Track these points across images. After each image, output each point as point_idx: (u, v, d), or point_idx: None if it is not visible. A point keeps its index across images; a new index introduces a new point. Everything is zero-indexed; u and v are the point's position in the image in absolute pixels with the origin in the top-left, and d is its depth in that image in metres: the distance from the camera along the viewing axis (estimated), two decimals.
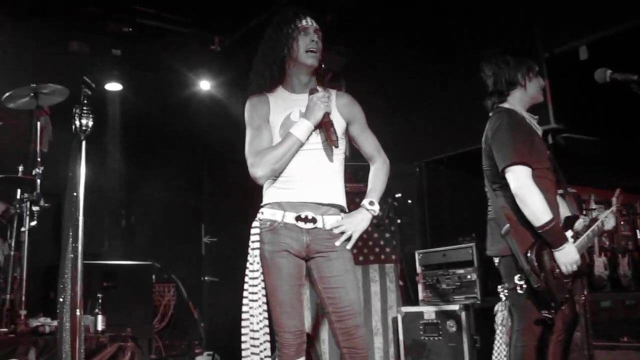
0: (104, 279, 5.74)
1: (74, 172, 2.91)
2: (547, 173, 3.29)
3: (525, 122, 3.33)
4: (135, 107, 6.73)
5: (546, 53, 5.00)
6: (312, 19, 2.91)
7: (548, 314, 3.14)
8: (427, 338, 5.01)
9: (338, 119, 2.89)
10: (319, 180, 2.83)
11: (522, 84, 3.36)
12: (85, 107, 2.94)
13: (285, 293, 2.80)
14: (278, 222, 2.80)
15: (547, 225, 3.07)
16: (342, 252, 2.83)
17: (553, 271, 3.12)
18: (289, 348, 2.81)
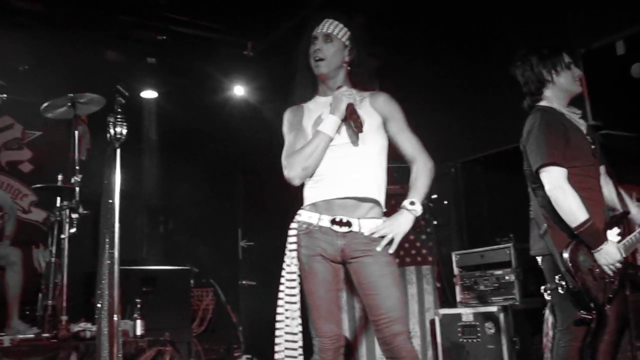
0: (143, 284, 5.80)
1: (109, 180, 2.95)
2: (588, 170, 3.23)
3: (564, 118, 3.28)
4: (170, 113, 6.83)
5: (582, 48, 4.91)
6: (327, 23, 2.90)
7: (587, 315, 3.09)
8: (465, 340, 4.95)
9: (373, 115, 2.86)
10: (350, 175, 2.78)
11: (549, 80, 3.33)
12: (119, 115, 2.98)
13: (322, 298, 2.77)
14: (314, 225, 2.78)
15: (583, 226, 3.03)
16: (378, 256, 2.73)
17: (592, 271, 3.06)
18: (326, 352, 2.78)
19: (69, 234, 4.60)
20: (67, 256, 4.59)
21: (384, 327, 2.67)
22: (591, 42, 4.92)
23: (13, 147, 6.33)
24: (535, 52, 3.39)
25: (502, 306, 4.80)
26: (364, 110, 2.84)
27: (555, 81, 3.33)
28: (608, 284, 3.09)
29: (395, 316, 2.67)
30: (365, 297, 2.73)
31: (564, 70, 3.34)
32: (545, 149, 3.14)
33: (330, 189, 2.79)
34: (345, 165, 2.79)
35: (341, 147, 2.81)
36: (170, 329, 5.21)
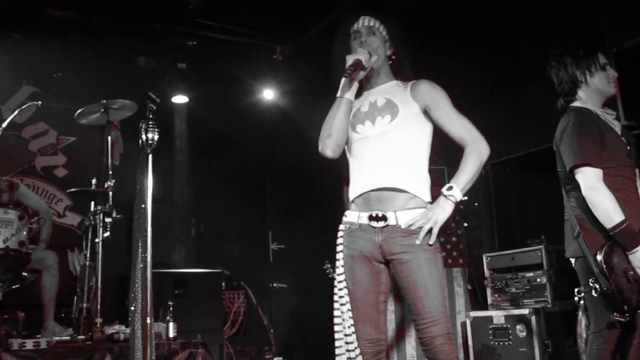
0: (175, 287, 5.88)
1: (141, 185, 3.00)
2: (623, 171, 3.19)
3: (598, 119, 3.25)
4: (200, 118, 6.91)
5: (614, 48, 4.85)
6: (366, 18, 2.91)
7: (621, 317, 3.05)
8: (496, 343, 4.92)
9: (410, 104, 2.80)
10: (383, 165, 2.71)
11: (583, 80, 3.31)
12: (150, 121, 3.02)
13: (359, 299, 2.73)
14: (355, 223, 2.74)
15: (619, 227, 3.00)
16: (418, 252, 2.60)
17: (627, 273, 3.02)
18: (365, 355, 2.73)
19: (103, 238, 4.67)
20: (101, 260, 4.65)
21: (423, 328, 2.59)
22: (623, 42, 4.86)
23: (48, 153, 6.46)
24: (570, 52, 3.37)
25: (533, 308, 4.76)
26: (400, 99, 2.80)
27: (589, 82, 3.32)
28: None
29: (435, 317, 2.57)
30: (406, 296, 2.65)
31: (598, 72, 3.32)
32: (579, 149, 3.12)
33: (366, 181, 2.74)
34: (379, 156, 2.73)
35: (374, 138, 2.76)
36: (202, 331, 5.28)
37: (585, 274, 3.17)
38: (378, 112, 2.79)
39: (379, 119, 2.77)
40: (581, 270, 3.24)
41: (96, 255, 4.77)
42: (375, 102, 2.83)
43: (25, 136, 6.33)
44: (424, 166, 2.79)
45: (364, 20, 2.90)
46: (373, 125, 2.77)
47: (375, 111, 2.80)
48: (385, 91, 2.87)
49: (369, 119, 2.80)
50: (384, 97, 2.83)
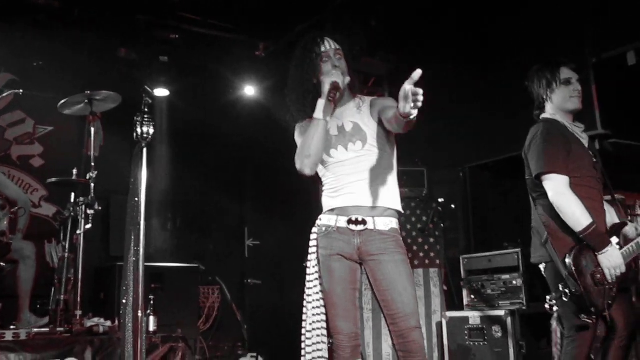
0: (152, 281, 5.85)
1: (135, 178, 3.00)
2: (589, 181, 3.33)
3: (566, 130, 3.39)
4: (181, 112, 6.86)
5: (594, 58, 4.98)
6: (331, 41, 2.99)
7: (588, 319, 3.18)
8: (472, 343, 5.02)
9: (370, 122, 2.94)
10: (364, 186, 2.88)
11: (547, 97, 3.48)
12: (146, 115, 3.03)
13: (339, 296, 2.87)
14: (332, 226, 2.90)
15: (589, 229, 3.13)
16: (393, 254, 2.84)
17: (594, 276, 3.16)
18: (344, 350, 2.89)
19: (85, 230, 4.64)
20: (81, 252, 4.62)
21: (400, 321, 2.77)
22: (602, 52, 4.98)
23: (24, 142, 6.35)
24: (538, 69, 3.54)
25: (509, 310, 4.87)
26: (365, 122, 2.94)
27: (551, 98, 3.47)
28: (608, 290, 3.17)
29: (411, 311, 2.79)
30: (382, 293, 2.82)
31: (558, 88, 3.45)
32: (546, 157, 3.26)
33: (345, 198, 2.90)
34: (356, 179, 2.89)
35: (349, 162, 2.91)
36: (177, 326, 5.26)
37: (555, 280, 3.29)
38: (348, 138, 2.93)
39: (351, 145, 2.92)
40: (550, 277, 3.35)
41: (76, 247, 4.73)
42: (343, 126, 2.97)
43: (2, 124, 6.22)
44: (396, 179, 2.98)
45: (331, 43, 2.99)
46: (346, 150, 2.92)
47: (345, 137, 2.94)
48: (350, 113, 2.99)
49: (341, 144, 2.93)
50: (350, 120, 2.97)
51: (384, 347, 5.29)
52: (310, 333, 2.90)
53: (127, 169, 3.34)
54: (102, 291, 5.86)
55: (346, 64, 2.98)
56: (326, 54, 2.96)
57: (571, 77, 3.47)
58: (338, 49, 2.98)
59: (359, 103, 3.02)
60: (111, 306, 5.13)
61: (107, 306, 5.38)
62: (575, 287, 3.13)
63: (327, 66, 2.94)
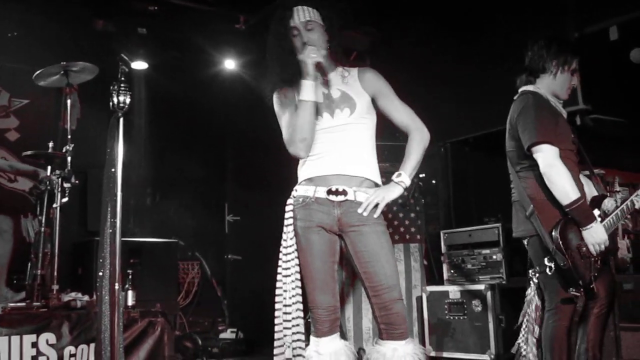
0: (130, 256, 5.79)
1: (111, 149, 2.93)
2: (570, 154, 3.34)
3: (550, 104, 3.38)
4: (160, 85, 6.76)
5: (576, 33, 4.96)
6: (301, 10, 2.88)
7: (576, 292, 3.19)
8: (452, 317, 5.04)
9: (363, 95, 2.92)
10: (347, 155, 2.85)
11: (553, 72, 3.40)
12: (122, 84, 2.95)
13: (318, 269, 2.84)
14: (310, 197, 2.85)
15: (576, 204, 3.13)
16: (374, 225, 2.81)
17: (580, 249, 3.17)
18: (323, 324, 2.87)
19: (61, 204, 4.56)
20: (58, 226, 4.54)
21: (383, 293, 2.75)
22: (585, 27, 4.96)
23: (0, 115, 6.23)
24: (559, 42, 3.45)
25: (489, 284, 4.89)
26: (354, 91, 2.91)
27: (556, 75, 3.40)
28: (593, 262, 3.19)
29: (392, 283, 2.78)
30: (364, 265, 2.80)
31: (565, 72, 3.41)
32: (538, 127, 3.22)
33: (325, 167, 2.86)
34: (340, 146, 2.86)
35: (335, 130, 2.87)
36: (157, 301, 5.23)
37: (539, 254, 3.29)
38: (335, 105, 2.90)
39: (338, 111, 2.88)
40: (534, 250, 3.35)
41: (52, 222, 4.65)
42: (330, 94, 2.93)
43: None
44: (375, 153, 2.96)
45: (300, 15, 2.87)
46: (332, 117, 2.88)
47: (332, 103, 2.90)
48: (336, 82, 2.96)
49: (327, 111, 2.89)
50: (337, 88, 2.93)
51: (364, 322, 5.29)
52: (289, 307, 2.84)
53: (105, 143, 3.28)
54: (80, 266, 5.81)
55: (320, 34, 2.90)
56: (295, 28, 2.88)
57: (576, 69, 3.46)
58: (309, 20, 2.87)
59: (343, 72, 2.98)
60: (89, 281, 5.08)
61: (85, 281, 5.33)
62: (563, 261, 3.14)
63: (298, 42, 2.87)
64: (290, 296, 2.84)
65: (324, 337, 2.86)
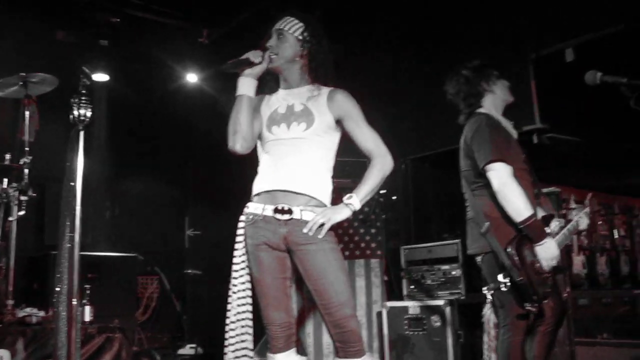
0: (88, 270, 5.70)
1: (71, 162, 2.91)
2: (524, 173, 3.44)
3: (501, 125, 3.50)
4: (121, 98, 6.69)
5: (533, 54, 5.08)
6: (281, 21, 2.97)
7: (531, 307, 3.26)
8: (411, 332, 5.07)
9: (325, 114, 2.92)
10: (296, 171, 2.84)
11: (488, 89, 3.56)
12: (83, 97, 2.94)
13: (268, 286, 2.84)
14: (258, 215, 2.84)
15: (529, 220, 3.22)
16: (321, 243, 2.79)
17: (533, 265, 3.25)
18: (278, 340, 2.86)
19: (18, 217, 4.48)
20: (14, 239, 4.46)
21: (335, 311, 2.73)
22: (541, 49, 5.09)
23: None
24: (468, 67, 3.64)
25: (448, 300, 4.94)
26: (317, 109, 2.92)
27: (493, 90, 3.57)
28: (545, 279, 3.28)
29: (345, 299, 2.76)
30: (314, 283, 2.78)
31: (498, 80, 3.58)
32: (492, 146, 3.31)
33: (275, 180, 2.86)
34: (290, 160, 2.86)
35: (288, 142, 2.88)
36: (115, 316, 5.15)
37: (494, 270, 3.34)
38: (294, 118, 2.90)
39: (295, 124, 2.89)
40: (488, 267, 3.42)
41: (8, 235, 4.57)
42: (293, 106, 2.94)
43: None
44: (330, 173, 2.95)
45: (279, 23, 2.97)
46: (288, 129, 2.89)
47: (292, 116, 2.91)
48: (303, 96, 2.97)
49: (285, 122, 2.91)
50: (302, 102, 2.94)
51: (325, 338, 5.29)
52: (234, 324, 2.86)
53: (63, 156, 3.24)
54: (36, 281, 5.68)
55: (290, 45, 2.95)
56: (270, 33, 2.97)
57: (499, 74, 3.62)
58: (281, 29, 2.95)
59: (314, 90, 2.97)
60: (45, 296, 4.99)
61: (41, 296, 5.22)
62: (518, 276, 3.20)
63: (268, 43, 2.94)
64: (236, 313, 2.86)
65: (279, 354, 2.86)
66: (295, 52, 2.96)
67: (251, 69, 2.84)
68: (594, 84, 3.03)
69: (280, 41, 2.94)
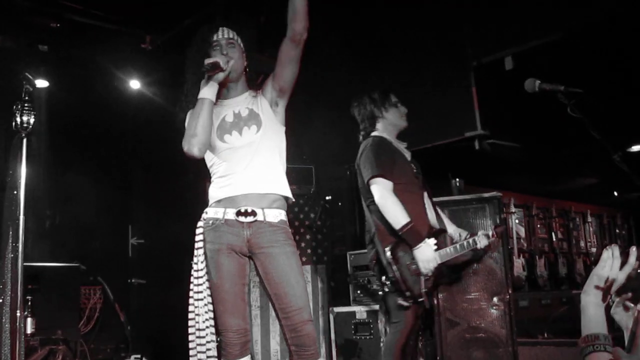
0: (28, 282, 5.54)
1: (14, 170, 2.84)
2: (412, 187, 3.88)
3: (392, 146, 3.94)
4: (62, 104, 6.51)
5: (474, 62, 5.21)
6: (225, 30, 3.02)
7: (404, 302, 3.69)
8: (358, 337, 5.12)
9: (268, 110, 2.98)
10: (255, 172, 2.88)
11: (380, 116, 4.05)
12: (27, 103, 2.88)
13: (227, 292, 2.84)
14: (220, 219, 2.86)
15: (406, 227, 3.64)
16: (284, 246, 2.85)
17: (410, 267, 3.66)
18: (233, 347, 2.86)
19: None
20: None
21: (293, 315, 2.78)
22: (482, 57, 5.22)
23: None
24: (369, 95, 4.12)
25: None
26: (260, 109, 2.98)
27: (385, 116, 4.04)
28: (421, 281, 3.68)
29: (303, 304, 2.82)
30: (274, 287, 2.82)
31: (391, 108, 4.06)
32: (374, 164, 3.77)
33: (234, 187, 2.88)
34: (248, 164, 2.89)
35: (243, 148, 2.91)
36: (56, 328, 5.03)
37: (380, 274, 3.83)
38: (244, 123, 2.94)
39: (246, 129, 2.93)
40: (377, 272, 3.87)
41: None
42: (239, 112, 2.98)
43: None
44: (284, 167, 3.04)
45: (224, 32, 3.01)
46: (240, 135, 2.93)
47: (241, 121, 2.95)
48: (245, 101, 3.02)
49: (236, 129, 2.94)
50: (246, 107, 2.99)
51: (272, 344, 5.29)
52: (203, 331, 2.83)
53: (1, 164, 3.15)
54: None
55: (240, 54, 3.02)
56: (217, 43, 2.98)
57: (398, 101, 4.09)
58: (230, 38, 3.00)
59: (254, 94, 3.04)
60: None
61: None
62: (392, 273, 3.65)
63: (216, 53, 2.95)
64: (204, 320, 2.84)
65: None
66: (243, 62, 3.05)
67: (218, 74, 2.87)
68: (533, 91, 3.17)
69: (233, 51, 2.99)
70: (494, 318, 4.54)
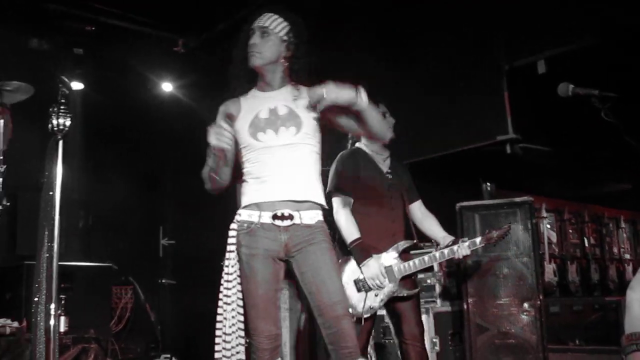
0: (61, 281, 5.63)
1: (50, 171, 2.90)
2: (379, 201, 3.79)
3: (367, 158, 3.86)
4: (96, 106, 6.63)
5: (506, 66, 5.17)
6: (265, 17, 2.88)
7: None
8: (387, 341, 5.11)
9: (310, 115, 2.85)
10: (293, 177, 2.79)
11: None
12: (62, 106, 2.93)
13: (260, 297, 2.78)
14: (255, 223, 2.78)
15: (354, 243, 3.64)
16: (320, 242, 2.77)
17: (357, 283, 3.66)
18: (264, 352, 2.80)
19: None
20: None
21: (326, 311, 2.70)
22: (514, 60, 5.18)
23: None
24: None
25: (423, 308, 4.96)
26: (302, 110, 2.84)
27: None
28: (371, 298, 3.66)
29: (338, 298, 2.72)
30: (308, 285, 2.76)
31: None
32: (335, 178, 3.77)
33: (269, 191, 2.80)
34: (285, 168, 2.79)
35: (279, 149, 2.80)
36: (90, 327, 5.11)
37: None
38: (281, 122, 2.82)
39: (283, 129, 2.81)
40: None
41: None
42: (276, 109, 2.85)
43: None
44: (319, 174, 2.94)
45: (261, 20, 2.89)
46: (276, 134, 2.81)
47: (278, 120, 2.83)
48: (283, 97, 2.90)
49: (271, 128, 2.82)
50: (284, 104, 2.87)
51: None
52: (229, 336, 2.79)
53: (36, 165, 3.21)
54: (8, 291, 5.61)
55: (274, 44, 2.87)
56: (252, 31, 2.89)
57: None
58: (265, 27, 2.86)
59: (294, 91, 2.91)
60: (18, 307, 4.93)
61: (14, 307, 5.16)
62: None
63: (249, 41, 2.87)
64: (231, 324, 2.80)
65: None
66: (279, 52, 2.89)
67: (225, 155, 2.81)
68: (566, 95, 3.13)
69: (264, 40, 2.86)
70: (524, 324, 4.50)
